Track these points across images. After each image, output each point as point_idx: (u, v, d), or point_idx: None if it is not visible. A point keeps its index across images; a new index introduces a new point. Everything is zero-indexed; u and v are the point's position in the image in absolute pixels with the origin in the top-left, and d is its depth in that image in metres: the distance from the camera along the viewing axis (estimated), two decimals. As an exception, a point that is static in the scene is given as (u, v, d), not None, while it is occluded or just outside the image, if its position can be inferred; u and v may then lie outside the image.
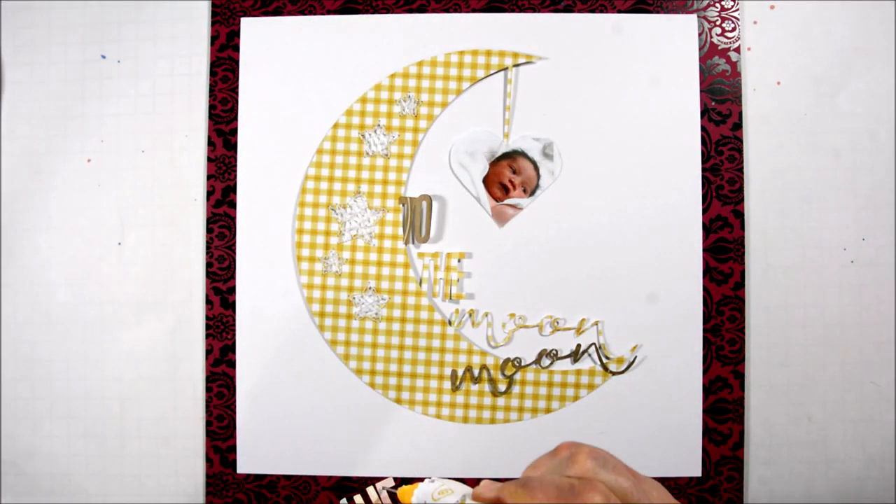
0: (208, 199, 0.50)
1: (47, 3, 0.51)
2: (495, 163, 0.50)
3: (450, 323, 0.49)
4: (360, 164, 0.50)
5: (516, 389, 0.49)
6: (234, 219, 0.50)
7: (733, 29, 0.49)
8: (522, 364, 0.49)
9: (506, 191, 0.50)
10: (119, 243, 0.51)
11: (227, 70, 0.50)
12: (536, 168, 0.49)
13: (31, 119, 0.51)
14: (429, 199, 0.50)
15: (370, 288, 0.50)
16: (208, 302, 0.50)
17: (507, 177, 0.50)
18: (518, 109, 0.50)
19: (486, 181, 0.50)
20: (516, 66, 0.50)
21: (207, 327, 0.50)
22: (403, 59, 0.50)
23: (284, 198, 0.50)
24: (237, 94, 0.50)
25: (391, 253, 0.50)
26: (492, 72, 0.50)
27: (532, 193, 0.50)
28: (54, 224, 0.51)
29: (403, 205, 0.50)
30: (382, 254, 0.50)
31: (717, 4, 0.50)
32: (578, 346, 0.49)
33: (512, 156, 0.50)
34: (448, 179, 0.50)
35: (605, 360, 0.49)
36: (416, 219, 0.50)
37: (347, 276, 0.50)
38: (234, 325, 0.50)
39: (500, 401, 0.49)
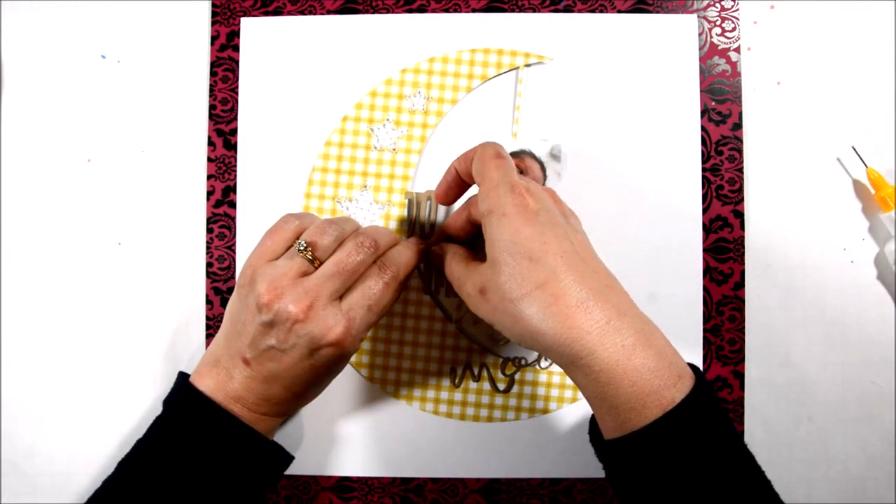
0: (208, 199, 0.50)
1: (47, 3, 0.51)
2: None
3: (451, 320, 0.49)
4: (368, 157, 0.50)
5: (515, 389, 0.49)
6: (233, 219, 0.50)
7: (733, 29, 0.50)
8: (523, 363, 0.49)
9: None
10: (119, 243, 0.51)
11: (227, 70, 0.50)
12: (543, 169, 0.49)
13: (31, 119, 0.51)
14: (433, 194, 0.49)
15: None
16: (208, 302, 0.50)
17: (514, 176, 0.49)
18: (526, 109, 0.50)
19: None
20: (528, 66, 0.50)
21: (207, 327, 0.50)
22: (415, 55, 0.50)
23: (290, 191, 0.50)
24: (237, 94, 0.50)
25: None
26: (503, 71, 0.50)
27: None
28: (54, 224, 0.51)
29: (409, 200, 0.50)
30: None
31: (717, 4, 0.50)
32: (578, 345, 0.49)
33: (520, 155, 0.49)
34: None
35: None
36: (421, 215, 0.50)
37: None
38: (234, 325, 0.50)
39: (499, 399, 0.49)
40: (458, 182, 0.42)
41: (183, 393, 0.41)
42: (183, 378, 0.42)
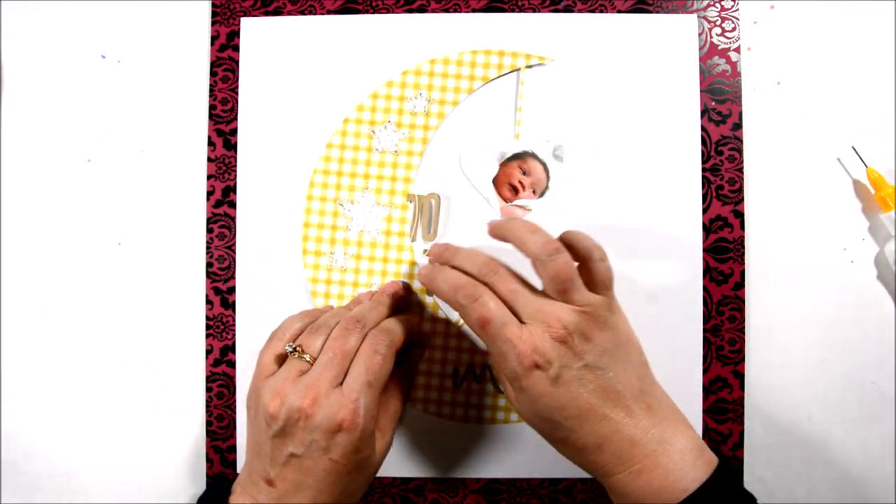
0: (208, 199, 0.50)
1: (47, 3, 0.51)
2: (505, 163, 0.50)
3: (456, 323, 0.49)
4: (370, 159, 0.50)
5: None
6: (233, 219, 0.50)
7: (733, 29, 0.50)
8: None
9: (515, 192, 0.50)
10: (119, 243, 0.51)
11: (227, 70, 0.50)
12: (546, 170, 0.49)
13: (31, 119, 0.51)
14: (437, 197, 0.49)
15: (375, 284, 0.50)
16: (208, 302, 0.50)
17: (517, 178, 0.49)
18: (528, 110, 0.50)
19: (496, 182, 0.50)
20: (529, 67, 0.50)
21: (207, 327, 0.50)
22: (416, 55, 0.50)
23: (291, 193, 0.50)
24: (237, 94, 0.50)
25: (397, 250, 0.50)
26: (504, 72, 0.50)
27: (542, 195, 0.49)
28: (54, 224, 0.51)
29: (411, 202, 0.50)
30: (388, 250, 0.50)
31: (717, 4, 0.50)
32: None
33: (522, 157, 0.49)
34: (457, 179, 0.50)
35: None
36: (424, 217, 0.50)
37: (353, 271, 0.50)
38: (234, 325, 0.50)
39: (501, 401, 0.49)
40: None
41: None
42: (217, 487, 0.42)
